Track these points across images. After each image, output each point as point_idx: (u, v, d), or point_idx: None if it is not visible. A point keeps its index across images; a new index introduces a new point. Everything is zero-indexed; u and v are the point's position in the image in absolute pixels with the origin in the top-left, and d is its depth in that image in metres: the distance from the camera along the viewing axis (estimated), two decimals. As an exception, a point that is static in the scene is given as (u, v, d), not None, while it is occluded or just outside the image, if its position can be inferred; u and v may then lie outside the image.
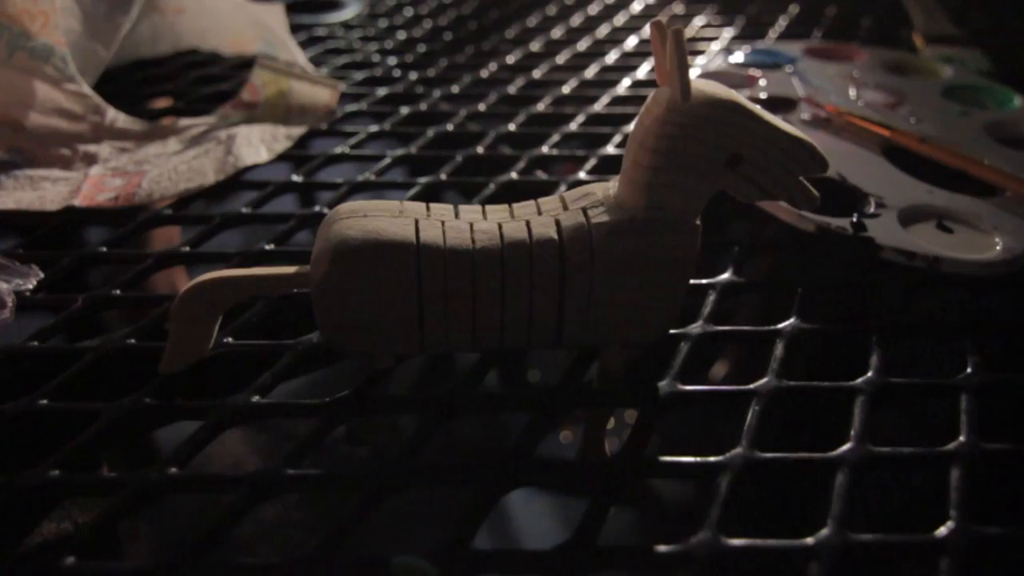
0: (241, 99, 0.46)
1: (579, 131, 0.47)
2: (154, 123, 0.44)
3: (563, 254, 0.26)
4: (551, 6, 0.69)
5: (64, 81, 0.43)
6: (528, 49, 0.60)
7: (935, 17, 0.63)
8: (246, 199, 0.39)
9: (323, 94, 0.48)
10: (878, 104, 0.46)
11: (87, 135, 0.43)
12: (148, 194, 0.39)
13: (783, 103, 0.46)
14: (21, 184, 0.39)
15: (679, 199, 0.26)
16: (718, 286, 0.33)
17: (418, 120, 0.48)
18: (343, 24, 0.64)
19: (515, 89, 0.53)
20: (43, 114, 0.42)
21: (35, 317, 0.32)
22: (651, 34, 0.26)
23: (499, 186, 0.41)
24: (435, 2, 0.70)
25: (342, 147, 0.44)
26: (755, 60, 0.53)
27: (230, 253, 0.35)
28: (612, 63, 0.57)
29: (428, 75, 0.55)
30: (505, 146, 0.46)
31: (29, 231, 0.37)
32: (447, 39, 0.62)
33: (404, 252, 0.25)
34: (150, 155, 0.42)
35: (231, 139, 0.42)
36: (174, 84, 0.52)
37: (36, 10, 0.42)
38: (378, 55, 0.58)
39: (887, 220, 0.35)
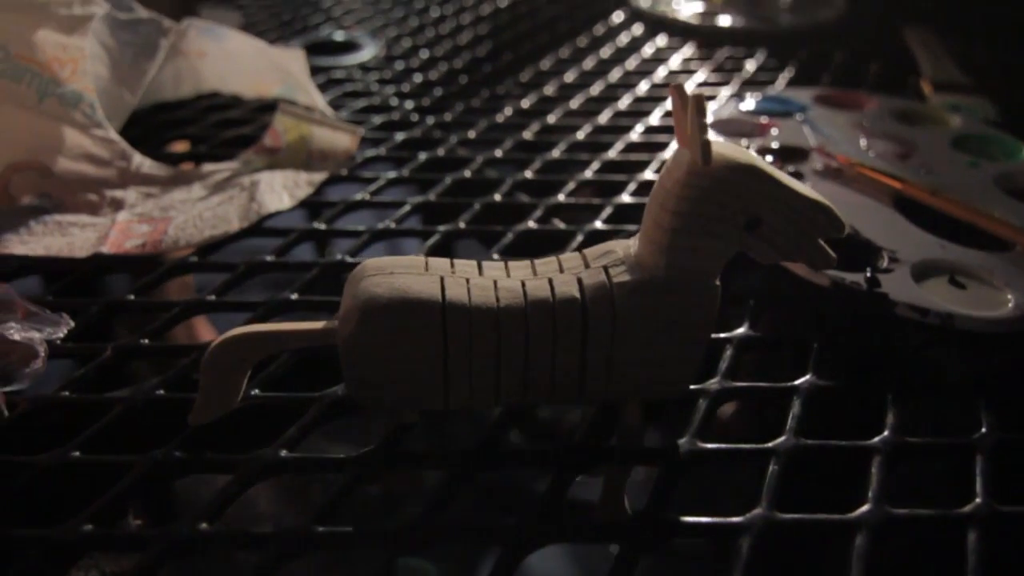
0: (263, 144, 0.47)
1: (594, 178, 0.48)
2: (179, 168, 0.45)
3: (585, 313, 0.27)
4: (564, 49, 0.71)
5: (92, 127, 0.44)
6: (542, 93, 0.61)
7: (942, 64, 0.64)
8: (269, 246, 0.40)
9: (343, 139, 0.49)
10: (888, 154, 0.47)
11: (114, 180, 0.44)
12: (174, 241, 0.39)
13: (795, 153, 0.47)
14: (50, 229, 0.40)
15: (699, 260, 0.26)
16: (734, 340, 0.33)
17: (436, 166, 0.49)
18: (360, 66, 0.66)
19: (530, 135, 0.54)
20: (71, 159, 0.43)
21: (65, 366, 0.33)
22: (672, 98, 0.27)
23: (517, 235, 0.41)
24: (450, 44, 0.72)
25: (362, 193, 0.45)
26: (766, 108, 0.53)
27: (255, 303, 0.36)
28: (625, 108, 0.58)
29: (445, 119, 0.56)
30: (522, 193, 0.46)
31: (58, 277, 0.38)
32: (463, 82, 0.63)
33: (430, 310, 0.26)
34: (175, 201, 0.43)
35: (254, 185, 0.43)
36: (196, 127, 0.54)
37: (66, 57, 0.43)
38: (395, 98, 0.59)
39: (900, 275, 0.36)
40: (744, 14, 0.77)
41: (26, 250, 0.39)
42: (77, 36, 0.43)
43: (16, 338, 0.32)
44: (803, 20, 0.75)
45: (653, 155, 0.51)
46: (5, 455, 0.28)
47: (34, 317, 0.34)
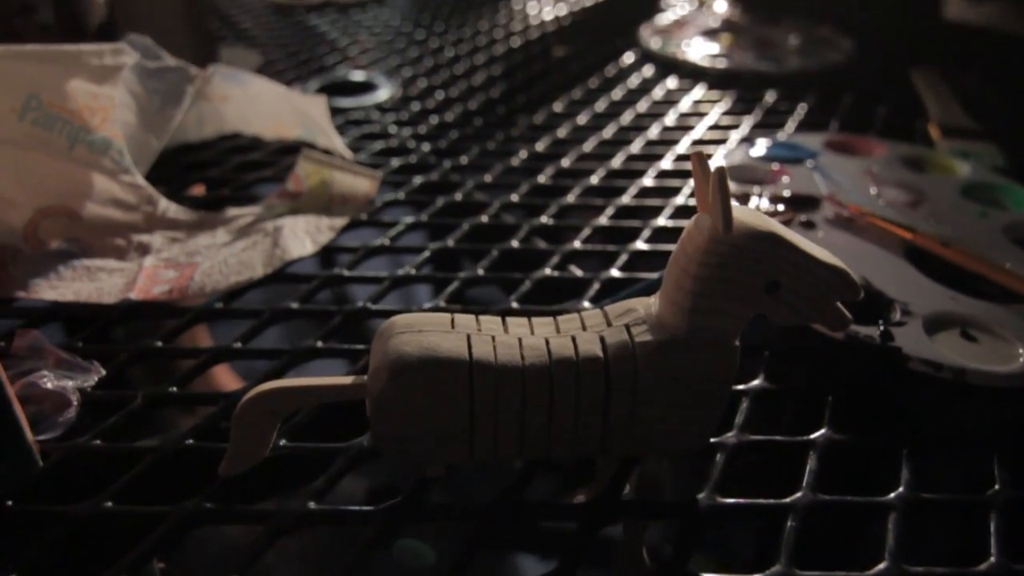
0: (286, 189, 0.48)
1: (609, 224, 0.49)
2: (203, 213, 0.46)
3: (608, 372, 0.28)
4: (576, 90, 0.72)
5: (120, 173, 0.45)
6: (556, 136, 0.62)
7: (949, 108, 0.65)
8: (293, 292, 0.41)
9: (363, 184, 0.50)
10: (899, 203, 0.48)
11: (140, 225, 0.45)
12: (200, 287, 0.40)
13: (807, 201, 0.48)
14: (79, 274, 0.41)
15: (720, 322, 0.27)
16: (751, 393, 0.34)
17: (454, 211, 0.50)
18: (377, 107, 0.67)
19: (545, 178, 0.55)
20: (99, 205, 0.44)
21: (96, 414, 0.33)
22: (693, 164, 0.28)
23: (535, 283, 0.42)
24: (465, 85, 0.73)
25: (382, 239, 0.46)
26: (777, 154, 0.54)
27: (280, 350, 0.36)
28: (638, 152, 0.60)
29: (461, 163, 0.57)
30: (538, 239, 0.47)
31: (88, 322, 0.39)
32: (478, 124, 0.64)
33: (458, 369, 0.27)
34: (200, 246, 0.44)
35: (278, 231, 0.44)
36: (219, 169, 0.55)
37: (97, 106, 0.45)
38: (413, 140, 0.60)
39: (913, 328, 0.36)
40: (753, 56, 0.78)
41: (56, 295, 0.40)
42: (108, 85, 0.45)
43: (49, 387, 0.33)
44: (811, 63, 0.76)
45: (666, 201, 0.52)
46: (39, 505, 0.28)
47: (65, 364, 0.35)
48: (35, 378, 0.33)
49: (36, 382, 0.33)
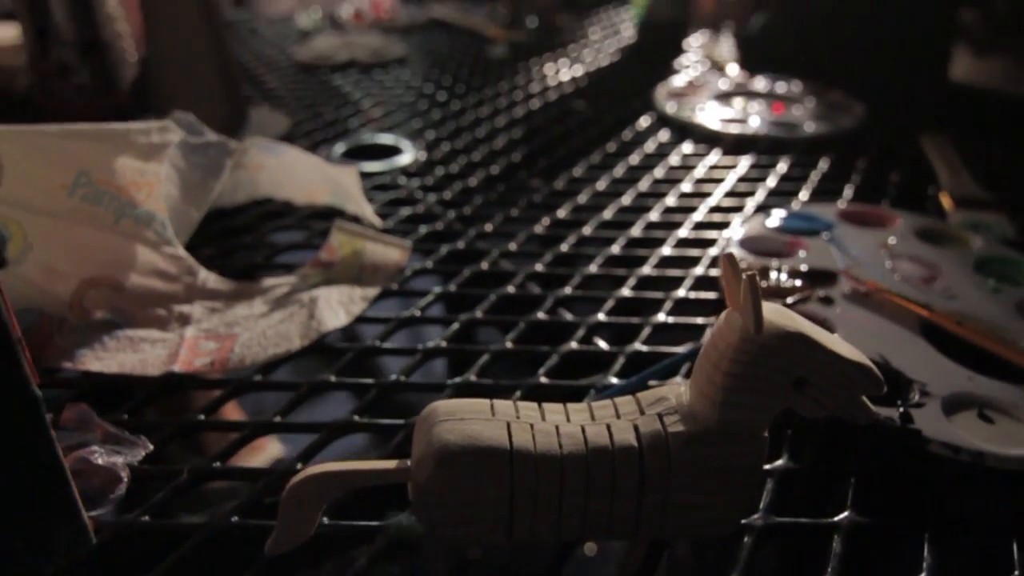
0: (320, 259, 0.50)
1: (631, 295, 0.50)
2: (241, 283, 0.48)
3: (643, 460, 0.29)
4: (595, 155, 0.74)
5: (162, 244, 0.47)
6: (576, 202, 0.64)
7: (961, 177, 0.67)
8: (328, 363, 0.42)
9: (394, 253, 0.52)
10: (913, 278, 0.49)
11: (181, 295, 0.47)
12: (240, 359, 0.42)
13: (824, 276, 0.49)
14: (123, 345, 0.43)
15: (749, 415, 0.28)
16: (776, 473, 0.35)
17: (481, 281, 0.52)
18: (403, 171, 0.69)
19: (567, 247, 0.56)
20: (142, 275, 0.46)
21: (143, 487, 0.35)
22: (722, 265, 0.29)
23: (562, 357, 0.44)
24: (486, 149, 0.75)
25: (413, 309, 0.48)
26: (793, 225, 0.56)
27: (319, 424, 0.38)
28: (656, 219, 0.61)
29: (486, 230, 0.59)
30: (564, 310, 0.49)
31: (132, 393, 0.40)
32: (500, 190, 0.66)
33: (500, 458, 0.28)
34: (239, 316, 0.45)
35: (313, 302, 0.46)
36: (253, 236, 0.57)
37: (143, 181, 0.47)
38: (439, 207, 0.62)
39: (931, 410, 0.37)
40: (766, 121, 0.80)
41: (101, 366, 0.41)
42: (154, 162, 0.47)
43: (100, 462, 0.34)
44: (824, 128, 0.78)
45: (686, 271, 0.53)
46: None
47: (113, 438, 0.36)
48: (86, 453, 0.34)
49: (87, 457, 0.34)
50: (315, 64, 1.02)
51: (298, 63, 1.04)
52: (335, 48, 1.06)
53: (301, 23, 1.25)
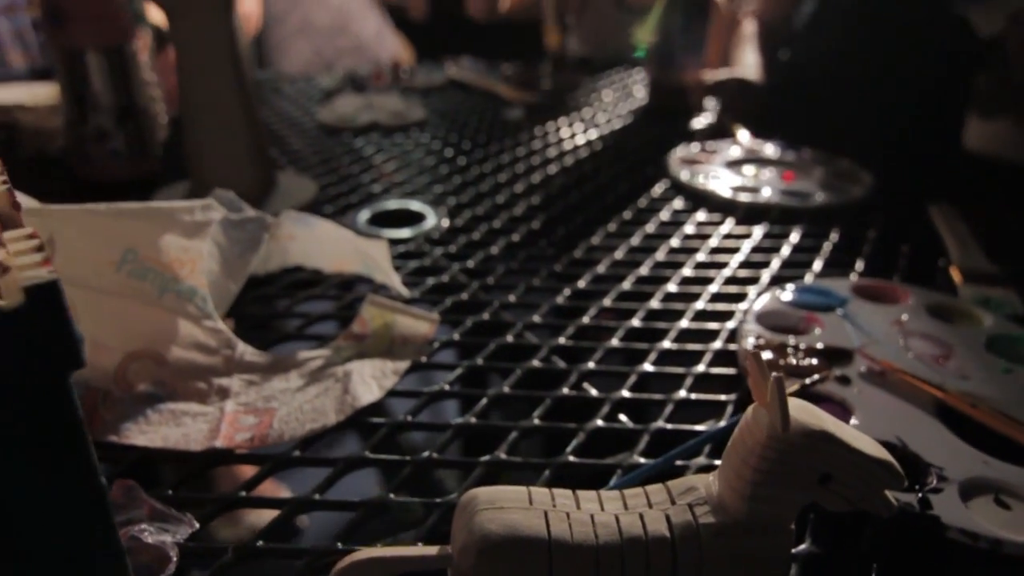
0: (352, 332, 0.52)
1: (654, 370, 0.52)
2: (277, 356, 0.50)
3: (675, 551, 0.30)
4: (612, 223, 0.76)
5: (203, 318, 0.49)
6: (596, 271, 0.66)
7: (970, 250, 0.69)
8: (363, 438, 0.44)
9: (422, 326, 0.54)
10: (927, 356, 0.51)
11: (220, 368, 0.48)
12: (279, 435, 0.43)
13: (840, 354, 0.51)
14: (165, 419, 0.44)
15: (777, 509, 0.30)
16: (799, 558, 0.36)
17: (508, 354, 0.53)
18: (427, 239, 0.71)
19: (589, 319, 0.58)
20: (183, 348, 0.48)
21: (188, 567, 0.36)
22: (748, 362, 0.31)
23: (588, 434, 0.45)
24: (507, 216, 0.77)
25: (442, 383, 0.49)
26: (807, 300, 0.58)
27: (356, 502, 0.39)
28: (675, 290, 0.63)
29: (510, 300, 0.60)
30: (588, 384, 0.50)
31: (176, 466, 0.42)
32: (522, 258, 0.68)
33: (539, 547, 0.30)
34: (276, 390, 0.47)
35: (347, 376, 0.48)
36: (286, 305, 0.59)
37: (186, 258, 0.49)
38: (463, 275, 0.64)
39: (949, 495, 0.39)
40: (778, 189, 0.82)
41: (146, 441, 0.43)
42: (197, 240, 0.49)
43: (150, 540, 0.35)
44: (835, 198, 0.81)
45: (706, 345, 0.55)
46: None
47: (160, 515, 0.38)
48: (136, 531, 0.36)
49: (137, 535, 0.36)
50: (338, 126, 1.05)
51: (321, 124, 1.07)
52: (357, 109, 1.09)
53: (323, 83, 1.29)
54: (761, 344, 0.51)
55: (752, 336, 0.53)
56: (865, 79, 1.20)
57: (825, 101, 1.11)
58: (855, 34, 1.21)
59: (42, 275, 0.25)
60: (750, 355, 0.31)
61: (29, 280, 0.25)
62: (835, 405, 0.46)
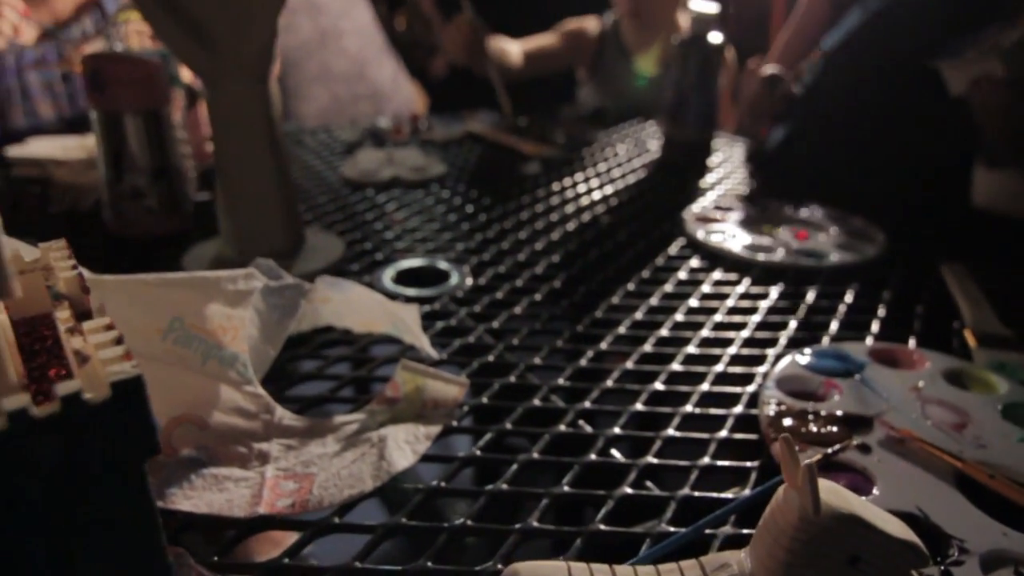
0: (385, 395, 0.54)
1: (678, 435, 0.53)
2: (314, 420, 0.51)
3: (711, 628, 0.32)
4: (631, 282, 0.78)
5: (244, 384, 0.51)
6: (617, 331, 0.68)
7: (983, 312, 0.70)
8: (399, 504, 0.45)
9: (452, 390, 0.55)
10: (945, 424, 0.52)
11: (259, 433, 0.50)
12: (319, 501, 0.45)
13: (860, 421, 0.52)
14: (208, 484, 0.46)
15: (808, 587, 0.31)
16: (827, 631, 0.38)
17: (535, 418, 0.55)
18: (452, 298, 0.73)
19: (612, 382, 0.60)
20: (224, 413, 0.50)
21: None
22: (780, 447, 0.33)
23: (616, 501, 0.46)
24: (529, 274, 0.80)
25: (474, 449, 0.51)
26: (826, 365, 0.59)
27: (396, 570, 0.41)
28: (695, 352, 0.65)
29: (535, 363, 0.62)
30: (615, 449, 0.52)
31: (219, 531, 0.43)
32: (544, 318, 0.70)
33: (581, 624, 0.31)
34: (314, 455, 0.49)
35: (382, 442, 0.49)
36: (317, 366, 0.60)
37: (229, 325, 0.51)
38: (488, 336, 0.66)
39: (970, 568, 0.40)
40: (793, 249, 0.84)
41: (191, 506, 0.44)
42: (240, 308, 0.51)
43: (203, 610, 0.37)
44: (849, 257, 0.83)
45: (728, 410, 0.56)
46: None
47: (209, 583, 0.39)
48: (187, 600, 0.37)
49: (189, 604, 0.37)
50: (361, 181, 1.08)
51: (345, 178, 1.10)
52: (379, 164, 1.12)
53: (344, 135, 1.32)
54: (782, 411, 0.53)
55: (773, 402, 0.54)
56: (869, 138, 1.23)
57: (832, 161, 1.14)
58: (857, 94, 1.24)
59: (127, 370, 0.27)
60: (781, 440, 0.33)
61: (116, 375, 0.27)
62: (856, 474, 0.48)
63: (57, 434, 0.26)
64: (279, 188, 0.75)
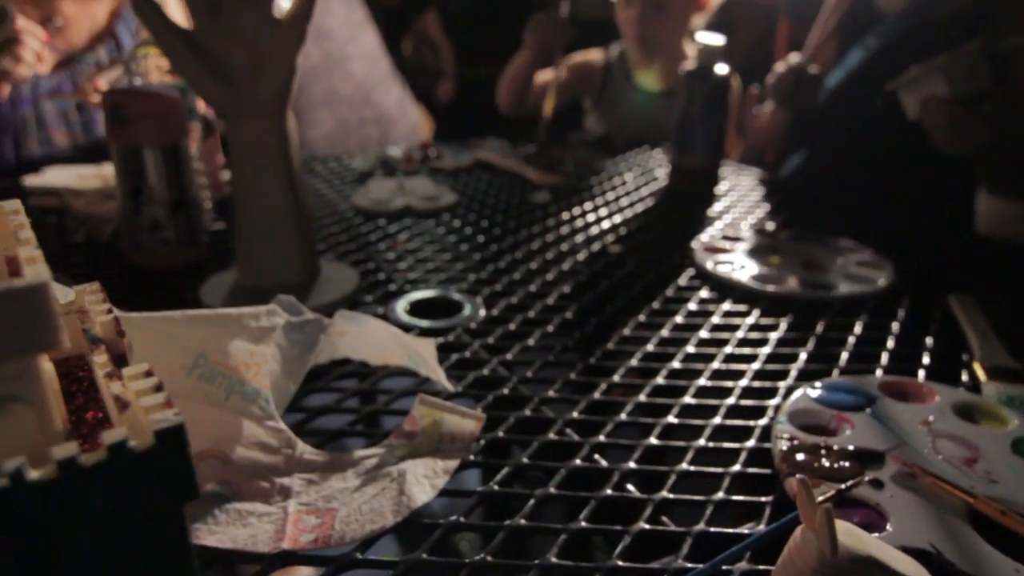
0: (403, 430, 0.55)
1: (692, 470, 0.54)
2: (334, 454, 0.52)
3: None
4: (642, 313, 0.79)
5: (266, 419, 0.52)
6: (630, 363, 0.69)
7: (991, 345, 0.71)
8: (419, 539, 0.46)
9: (469, 424, 0.56)
10: (956, 459, 0.53)
11: (281, 467, 0.51)
12: (341, 536, 0.46)
13: (872, 456, 0.53)
14: (232, 519, 0.47)
15: (827, 628, 0.32)
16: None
17: (552, 452, 0.56)
18: (466, 330, 0.74)
19: (626, 415, 0.61)
20: (247, 448, 0.51)
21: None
22: (798, 488, 0.34)
23: (633, 537, 0.47)
24: (540, 305, 0.81)
25: (492, 484, 0.52)
26: (837, 399, 0.60)
27: (420, 608, 0.41)
28: (707, 384, 0.66)
29: (550, 395, 0.63)
30: (630, 484, 0.52)
31: (241, 564, 0.44)
32: (558, 349, 0.71)
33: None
34: (335, 490, 0.49)
35: (402, 476, 0.50)
36: (334, 399, 0.61)
37: (252, 361, 0.52)
38: (502, 368, 0.67)
39: (985, 606, 0.40)
40: (802, 280, 0.85)
41: (215, 541, 0.45)
42: (263, 344, 0.52)
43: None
44: (857, 289, 0.84)
45: (741, 443, 0.57)
46: None
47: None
48: (215, 636, 0.38)
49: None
50: (373, 211, 1.09)
51: (357, 207, 1.11)
52: (390, 193, 1.14)
53: (355, 164, 1.34)
54: (795, 446, 0.54)
55: (785, 437, 0.55)
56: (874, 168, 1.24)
57: (839, 191, 1.15)
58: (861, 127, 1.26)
59: (170, 418, 0.28)
60: (798, 483, 0.33)
61: (159, 423, 0.28)
62: (869, 510, 0.48)
63: (103, 480, 0.27)
64: (296, 221, 0.77)
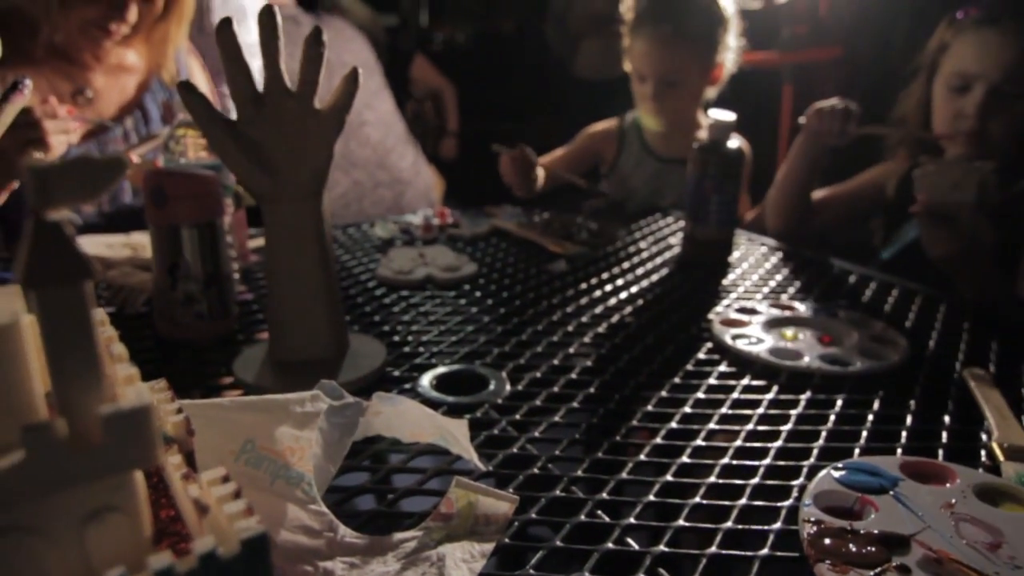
0: (440, 512, 0.56)
1: (722, 552, 0.55)
2: (374, 537, 0.54)
3: None
4: (664, 390, 0.81)
5: (309, 502, 0.53)
6: (655, 442, 0.70)
7: (1009, 424, 0.73)
8: (460, 627, 0.48)
9: (503, 506, 0.58)
10: (979, 543, 0.54)
11: (323, 551, 0.52)
12: (385, 622, 0.47)
13: (897, 540, 0.54)
14: (279, 604, 0.48)
15: None
16: None
17: (585, 534, 0.57)
18: (493, 406, 0.76)
19: (654, 495, 0.62)
20: (290, 532, 0.52)
21: None
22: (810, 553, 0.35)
23: (669, 623, 0.48)
24: (563, 379, 0.82)
25: (529, 567, 0.53)
26: (860, 481, 0.62)
27: None
28: (732, 462, 0.67)
29: (580, 475, 0.65)
30: (661, 568, 0.54)
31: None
32: (584, 427, 0.73)
33: None
34: (377, 574, 0.51)
35: (441, 561, 0.52)
36: (368, 480, 0.63)
37: (296, 446, 0.54)
38: (531, 446, 0.69)
39: None
40: (818, 355, 0.87)
41: (264, 627, 0.46)
42: (307, 430, 0.54)
43: None
44: (873, 364, 0.85)
45: (768, 524, 0.58)
46: None
47: None
48: None
49: None
50: (395, 281, 1.12)
51: (380, 276, 1.14)
52: (412, 263, 1.17)
53: (376, 232, 1.38)
54: (822, 530, 0.55)
55: (812, 520, 0.56)
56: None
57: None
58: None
59: (254, 527, 0.30)
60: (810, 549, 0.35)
61: (245, 532, 0.30)
62: (899, 601, 0.49)
63: (193, 587, 0.29)
64: (327, 298, 0.79)
